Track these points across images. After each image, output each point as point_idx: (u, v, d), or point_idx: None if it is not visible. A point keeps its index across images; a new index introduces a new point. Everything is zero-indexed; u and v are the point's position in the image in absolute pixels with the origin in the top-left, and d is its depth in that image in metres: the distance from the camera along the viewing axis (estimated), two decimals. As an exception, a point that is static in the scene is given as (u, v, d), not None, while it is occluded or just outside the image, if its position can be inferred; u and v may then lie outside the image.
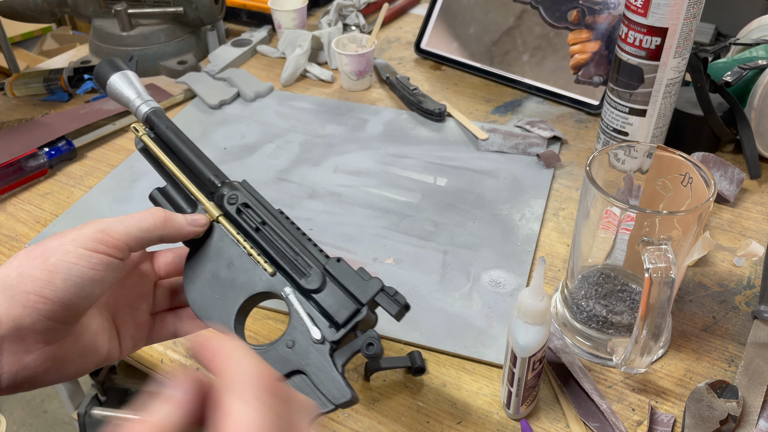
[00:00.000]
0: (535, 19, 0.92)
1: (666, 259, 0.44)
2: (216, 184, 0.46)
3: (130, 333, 0.44)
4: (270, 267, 0.43)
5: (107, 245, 0.38)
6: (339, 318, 0.41)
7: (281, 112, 0.89)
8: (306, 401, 0.32)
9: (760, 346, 0.54)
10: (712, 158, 0.71)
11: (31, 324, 0.35)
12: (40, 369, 0.36)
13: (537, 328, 0.44)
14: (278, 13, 1.03)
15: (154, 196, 0.47)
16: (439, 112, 0.85)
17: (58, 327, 0.37)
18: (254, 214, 0.44)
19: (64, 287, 0.36)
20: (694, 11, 0.61)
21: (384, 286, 0.41)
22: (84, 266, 0.37)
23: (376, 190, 0.73)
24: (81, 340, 0.39)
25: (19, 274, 0.35)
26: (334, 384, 0.39)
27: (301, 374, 0.40)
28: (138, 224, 0.40)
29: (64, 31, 2.46)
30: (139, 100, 0.49)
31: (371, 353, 0.39)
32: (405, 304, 0.41)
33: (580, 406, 0.50)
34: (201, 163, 0.47)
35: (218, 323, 0.42)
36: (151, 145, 0.48)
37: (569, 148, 0.81)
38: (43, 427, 1.51)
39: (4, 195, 0.76)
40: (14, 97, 0.95)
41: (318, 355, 0.40)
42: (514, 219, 0.69)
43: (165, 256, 0.47)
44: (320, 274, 0.42)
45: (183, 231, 0.42)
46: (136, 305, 0.45)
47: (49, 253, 0.36)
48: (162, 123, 0.48)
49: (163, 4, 0.98)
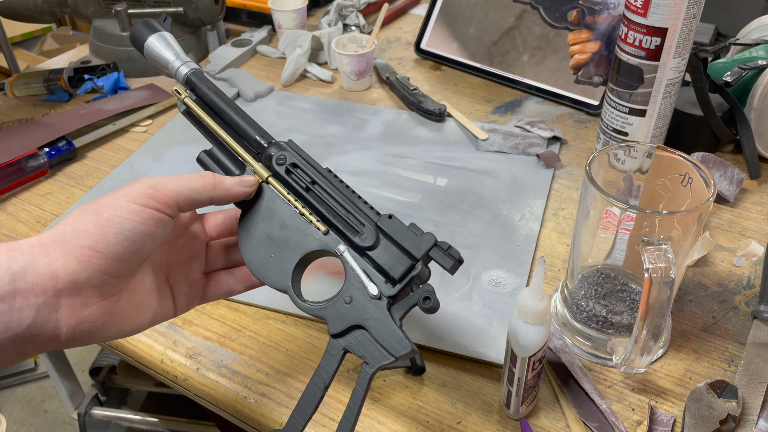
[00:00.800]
0: (535, 20, 0.92)
1: (666, 259, 0.44)
2: (262, 145, 0.46)
3: (184, 291, 0.45)
4: (323, 226, 0.43)
5: (158, 201, 0.39)
6: (395, 274, 0.41)
7: (281, 113, 0.89)
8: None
9: (759, 346, 0.54)
10: (711, 158, 0.71)
11: (86, 278, 0.36)
12: (98, 323, 0.38)
13: (537, 328, 0.44)
14: (278, 13, 1.03)
15: (202, 158, 0.47)
16: (439, 112, 0.85)
17: (112, 281, 0.38)
18: (303, 173, 0.45)
19: (116, 241, 0.37)
20: (694, 11, 0.62)
21: (437, 241, 0.42)
22: (135, 221, 0.38)
23: (376, 190, 0.73)
24: (135, 296, 0.40)
25: (74, 229, 0.37)
26: (394, 337, 0.40)
27: (360, 329, 0.41)
28: (188, 184, 0.41)
29: (64, 31, 2.46)
30: (179, 62, 0.48)
31: (429, 306, 0.40)
32: (459, 258, 0.41)
33: (580, 406, 0.50)
34: (246, 123, 0.47)
35: (275, 282, 0.43)
36: (194, 108, 0.47)
37: (569, 148, 0.81)
38: (43, 427, 1.51)
39: (4, 195, 0.76)
40: (14, 97, 0.95)
41: (376, 309, 0.41)
42: (514, 219, 0.69)
43: (215, 218, 0.48)
44: (374, 232, 0.43)
45: (232, 192, 0.43)
46: (188, 265, 0.46)
47: (101, 209, 0.37)
48: (203, 84, 0.48)
49: (163, 4, 0.98)
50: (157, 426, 1.27)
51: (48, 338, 0.36)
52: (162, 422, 1.26)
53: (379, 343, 0.40)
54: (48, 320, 0.35)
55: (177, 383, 0.56)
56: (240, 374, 0.54)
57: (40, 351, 0.36)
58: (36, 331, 0.35)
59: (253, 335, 0.58)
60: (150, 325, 0.42)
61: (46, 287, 0.35)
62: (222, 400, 0.53)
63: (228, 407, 0.53)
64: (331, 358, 0.41)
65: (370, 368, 0.40)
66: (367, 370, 0.40)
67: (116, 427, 1.37)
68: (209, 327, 0.58)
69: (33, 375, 1.62)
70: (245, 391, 0.53)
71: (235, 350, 0.56)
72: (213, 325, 0.58)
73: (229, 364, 0.55)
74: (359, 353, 0.41)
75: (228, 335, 0.58)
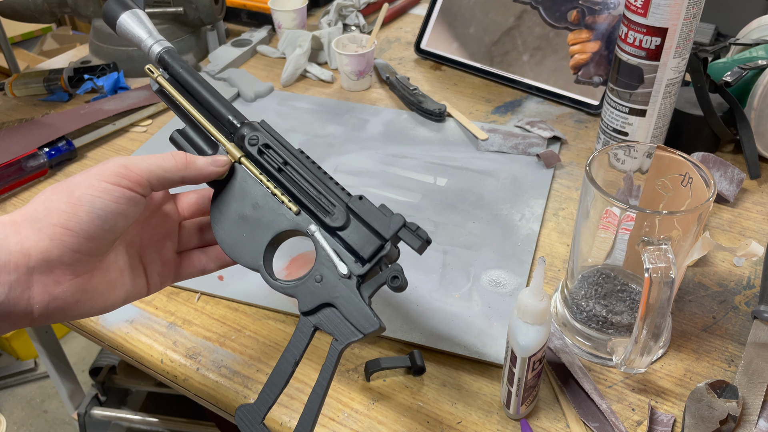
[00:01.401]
0: (535, 19, 0.92)
1: (666, 259, 0.44)
2: (235, 125, 0.46)
3: (158, 270, 0.46)
4: (294, 206, 0.44)
5: (129, 179, 0.39)
6: (364, 253, 0.42)
7: (281, 112, 0.89)
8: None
9: (759, 346, 0.54)
10: (711, 158, 0.71)
11: (59, 256, 0.37)
12: (70, 300, 0.38)
13: (537, 328, 0.44)
14: (278, 13, 1.03)
15: (174, 137, 0.47)
16: (439, 112, 0.85)
17: (84, 259, 0.38)
18: (276, 154, 0.45)
19: (88, 219, 0.37)
20: (694, 11, 0.61)
21: (406, 221, 0.42)
22: (106, 199, 0.38)
23: (376, 190, 0.73)
24: (108, 274, 0.41)
25: (45, 208, 0.37)
26: (363, 315, 0.41)
27: (330, 307, 0.42)
28: (160, 163, 0.41)
29: (64, 31, 2.45)
30: (151, 39, 0.48)
31: (397, 285, 0.41)
32: (427, 238, 0.42)
33: (580, 406, 0.50)
34: (219, 103, 0.47)
35: (247, 261, 0.44)
36: (167, 86, 0.47)
37: (569, 148, 0.81)
38: (43, 427, 1.51)
39: (4, 195, 0.76)
40: (14, 97, 0.95)
41: (345, 288, 0.42)
42: (514, 219, 0.69)
43: (188, 197, 0.49)
44: (344, 212, 0.43)
45: (204, 172, 0.43)
46: (161, 244, 0.47)
47: (73, 188, 0.38)
48: (176, 63, 0.48)
49: (163, 4, 0.98)
50: (157, 426, 1.27)
51: (21, 315, 0.36)
52: (162, 422, 1.26)
53: (349, 321, 0.41)
54: (21, 297, 0.36)
55: (177, 383, 0.56)
56: (240, 374, 0.54)
57: (14, 328, 0.37)
58: (9, 308, 0.36)
59: (253, 335, 0.58)
60: (123, 302, 0.43)
61: (18, 265, 0.35)
62: (222, 400, 0.53)
63: (228, 407, 0.53)
64: (301, 335, 0.42)
65: (339, 344, 0.41)
66: (336, 347, 0.41)
67: (116, 427, 1.36)
68: (209, 327, 0.58)
69: (33, 375, 1.62)
70: (245, 391, 0.53)
71: (235, 350, 0.56)
72: (213, 325, 0.58)
73: (229, 364, 0.55)
74: (329, 330, 0.42)
75: (228, 335, 0.57)
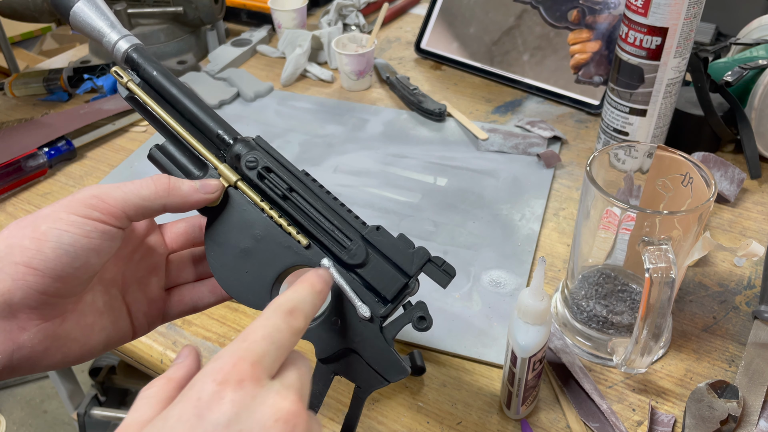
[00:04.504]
0: (536, 19, 0.92)
1: (666, 259, 0.44)
2: (227, 141, 0.39)
3: (143, 310, 0.41)
4: (304, 239, 0.38)
5: (102, 212, 0.35)
6: (387, 293, 0.37)
7: (281, 112, 0.89)
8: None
9: (760, 346, 0.53)
10: (712, 158, 0.71)
11: (22, 298, 0.33)
12: (39, 348, 0.34)
13: (537, 328, 0.44)
14: (278, 12, 1.03)
15: (154, 155, 0.40)
16: (439, 112, 0.85)
17: (53, 302, 0.34)
18: (279, 179, 0.38)
19: (54, 256, 0.33)
20: (695, 11, 0.61)
21: (431, 256, 0.38)
22: (76, 233, 0.33)
23: (376, 190, 0.73)
24: (84, 317, 0.36)
25: (7, 245, 0.33)
26: (389, 361, 0.37)
27: (351, 352, 0.38)
28: (137, 191, 0.36)
29: (64, 31, 2.45)
30: (116, 34, 0.39)
31: (423, 327, 0.37)
32: (453, 273, 0.38)
33: (580, 407, 0.50)
34: (205, 114, 0.39)
35: (252, 302, 0.39)
36: (140, 94, 0.39)
37: (569, 148, 0.81)
38: (43, 427, 1.51)
39: (4, 195, 0.75)
40: (14, 97, 0.95)
41: (367, 332, 0.37)
42: (515, 219, 0.69)
43: (176, 227, 0.43)
44: (363, 248, 0.38)
45: (190, 200, 0.38)
46: (146, 281, 0.42)
47: (39, 222, 0.33)
48: (148, 64, 0.39)
49: (163, 4, 0.98)
50: (157, 426, 1.27)
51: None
52: (162, 422, 1.26)
53: (372, 367, 0.37)
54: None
55: (177, 383, 0.56)
56: (240, 374, 0.54)
57: None
58: None
59: (253, 335, 0.57)
60: (104, 349, 0.38)
61: None
62: (222, 400, 0.53)
63: (228, 407, 0.53)
64: (319, 383, 0.38)
65: (363, 393, 0.38)
66: (360, 395, 0.38)
67: (116, 428, 1.36)
68: (209, 327, 0.58)
69: (33, 375, 1.62)
70: (245, 392, 0.53)
71: (234, 350, 0.56)
72: (213, 325, 0.58)
73: (229, 365, 0.55)
74: (350, 378, 0.38)
75: (228, 335, 0.57)
